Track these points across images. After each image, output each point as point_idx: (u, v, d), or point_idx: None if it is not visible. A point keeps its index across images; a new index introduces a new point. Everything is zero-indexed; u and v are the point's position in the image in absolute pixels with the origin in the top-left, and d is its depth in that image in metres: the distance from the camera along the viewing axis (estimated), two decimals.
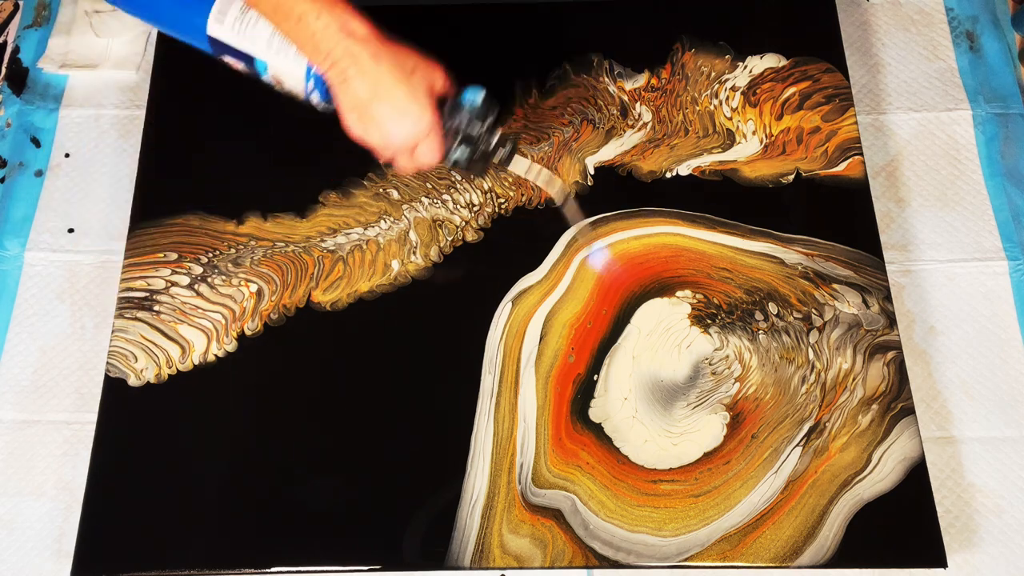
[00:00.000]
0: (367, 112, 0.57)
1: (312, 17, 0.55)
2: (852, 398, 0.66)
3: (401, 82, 0.56)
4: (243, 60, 0.62)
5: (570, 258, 0.71)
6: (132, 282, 0.70)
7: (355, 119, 0.58)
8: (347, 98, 0.58)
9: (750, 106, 0.77)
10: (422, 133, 0.58)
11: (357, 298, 0.70)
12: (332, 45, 0.56)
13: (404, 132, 0.58)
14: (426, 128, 0.58)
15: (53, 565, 0.67)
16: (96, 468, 0.64)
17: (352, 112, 0.58)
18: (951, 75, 0.84)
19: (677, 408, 0.66)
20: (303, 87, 0.62)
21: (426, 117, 0.58)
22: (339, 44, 0.56)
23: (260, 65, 0.62)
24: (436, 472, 0.64)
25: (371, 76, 0.56)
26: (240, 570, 0.62)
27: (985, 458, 0.70)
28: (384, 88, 0.56)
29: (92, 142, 0.82)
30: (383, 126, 0.58)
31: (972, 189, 0.79)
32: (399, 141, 0.58)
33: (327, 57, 0.56)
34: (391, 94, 0.57)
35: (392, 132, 0.58)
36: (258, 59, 0.62)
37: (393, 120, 0.57)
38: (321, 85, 0.60)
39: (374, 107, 0.57)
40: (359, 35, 0.56)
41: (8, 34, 0.88)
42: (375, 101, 0.57)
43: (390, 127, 0.57)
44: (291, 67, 0.61)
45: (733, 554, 0.61)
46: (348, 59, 0.56)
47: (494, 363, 0.67)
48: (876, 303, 0.69)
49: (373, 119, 0.58)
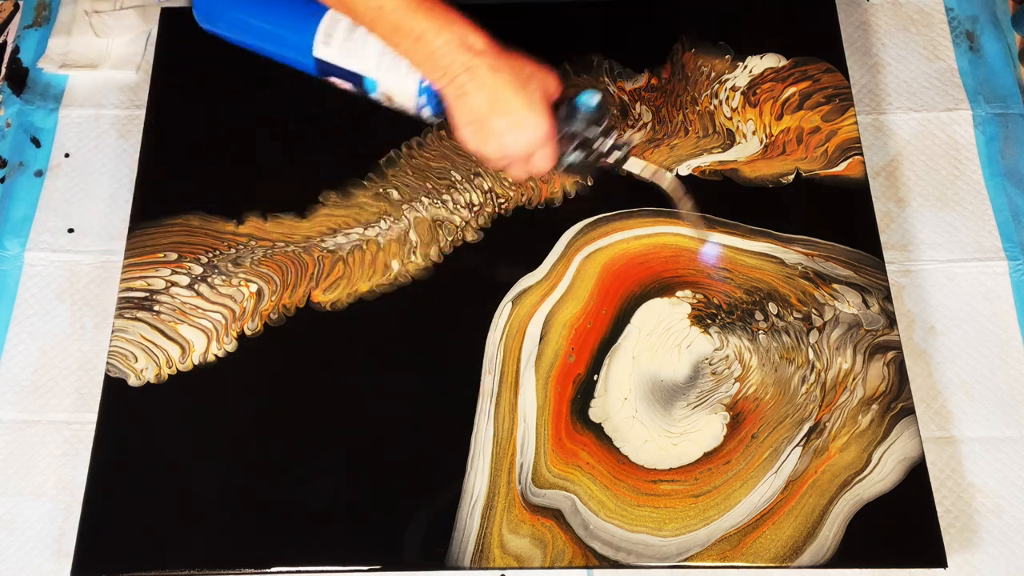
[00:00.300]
0: (485, 124, 0.58)
1: (433, 35, 0.56)
2: (852, 398, 0.66)
3: (519, 92, 0.57)
4: (351, 79, 0.63)
5: (570, 258, 0.71)
6: (132, 282, 0.70)
7: (472, 132, 0.59)
8: (464, 112, 0.58)
9: (750, 106, 0.77)
10: (540, 142, 0.59)
11: (357, 298, 0.70)
12: (451, 60, 0.56)
13: (523, 142, 0.58)
14: (544, 137, 0.58)
15: (53, 565, 0.67)
16: (96, 468, 0.64)
17: (469, 125, 0.58)
18: (951, 75, 0.84)
19: (677, 408, 0.66)
20: (414, 102, 0.62)
21: (544, 126, 0.58)
22: (458, 59, 0.56)
23: (369, 83, 0.62)
24: (436, 472, 0.64)
25: (489, 88, 0.57)
26: (240, 570, 0.62)
27: (985, 458, 0.70)
28: (502, 100, 0.57)
29: (92, 142, 0.82)
30: (502, 137, 0.58)
31: (972, 189, 0.79)
32: (517, 151, 0.59)
33: (445, 73, 0.57)
34: (509, 105, 0.57)
35: (511, 143, 0.58)
36: (368, 77, 0.62)
37: (512, 131, 0.58)
38: (433, 99, 0.61)
39: (493, 119, 0.57)
40: (477, 49, 0.56)
41: (8, 34, 0.88)
42: (494, 113, 0.57)
43: (509, 138, 0.58)
44: (402, 83, 0.61)
45: (733, 554, 0.61)
46: (467, 73, 0.56)
47: (494, 363, 0.67)
48: (876, 303, 0.69)
49: (492, 131, 0.58)
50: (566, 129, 0.60)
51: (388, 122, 0.77)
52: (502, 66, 0.57)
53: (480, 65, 0.56)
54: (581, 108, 0.60)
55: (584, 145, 0.61)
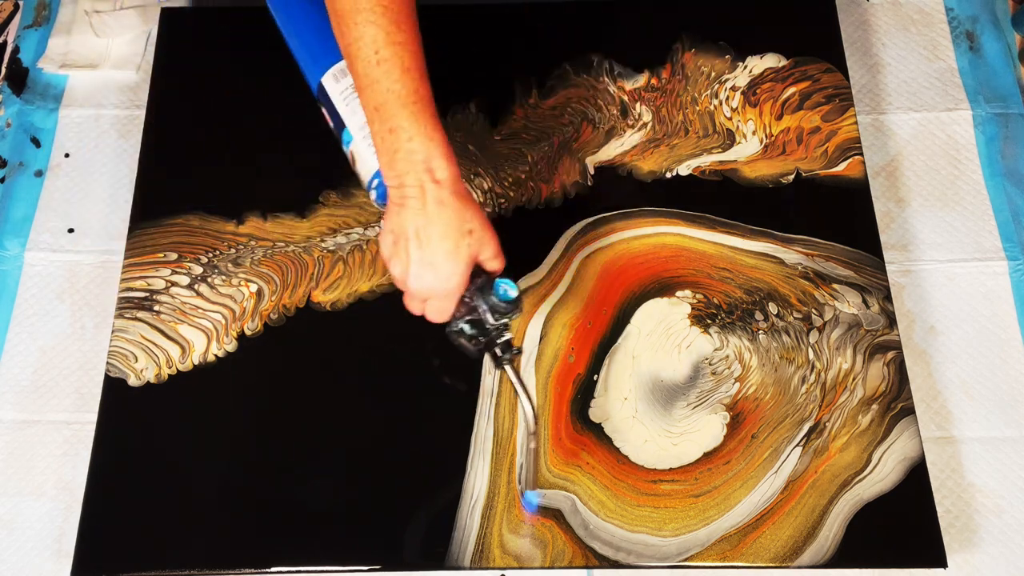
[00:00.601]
0: (404, 245, 0.55)
1: (405, 137, 0.54)
2: (852, 398, 0.66)
3: (447, 238, 0.54)
4: (334, 120, 0.63)
5: (570, 258, 0.71)
6: (132, 282, 0.70)
7: (389, 243, 0.56)
8: (394, 221, 0.56)
9: (750, 106, 0.77)
10: (441, 293, 0.56)
11: (357, 298, 0.70)
12: (408, 170, 0.54)
13: (426, 282, 0.55)
14: (449, 291, 0.56)
15: (53, 565, 0.67)
16: (96, 468, 0.64)
17: (390, 234, 0.56)
18: (951, 75, 0.84)
19: (677, 408, 0.66)
20: (368, 179, 0.61)
21: (453, 281, 0.55)
22: (414, 173, 0.54)
23: (346, 136, 0.62)
24: (436, 472, 0.64)
25: (428, 217, 0.54)
26: (240, 570, 0.62)
27: (985, 458, 0.70)
28: (430, 235, 0.54)
29: (92, 142, 0.82)
30: (409, 267, 0.55)
31: (972, 189, 0.79)
32: (416, 287, 0.56)
33: (398, 176, 0.55)
34: (434, 244, 0.54)
35: (414, 275, 0.55)
36: (347, 130, 0.62)
37: (421, 267, 0.55)
38: (382, 189, 0.60)
39: (412, 245, 0.55)
40: (437, 176, 0.54)
41: (8, 34, 0.88)
42: (415, 242, 0.55)
43: (415, 270, 0.55)
44: (369, 157, 0.61)
45: (733, 554, 0.61)
46: (415, 190, 0.54)
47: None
48: (876, 303, 0.69)
49: (406, 254, 0.55)
50: (472, 299, 0.57)
51: None
52: (449, 206, 0.54)
53: (431, 192, 0.54)
54: (498, 291, 0.57)
55: (479, 325, 0.58)
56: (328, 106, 0.63)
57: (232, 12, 0.83)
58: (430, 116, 0.54)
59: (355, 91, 0.60)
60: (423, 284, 0.55)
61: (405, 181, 0.54)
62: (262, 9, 0.82)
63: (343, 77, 0.62)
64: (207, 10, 0.85)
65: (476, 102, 0.77)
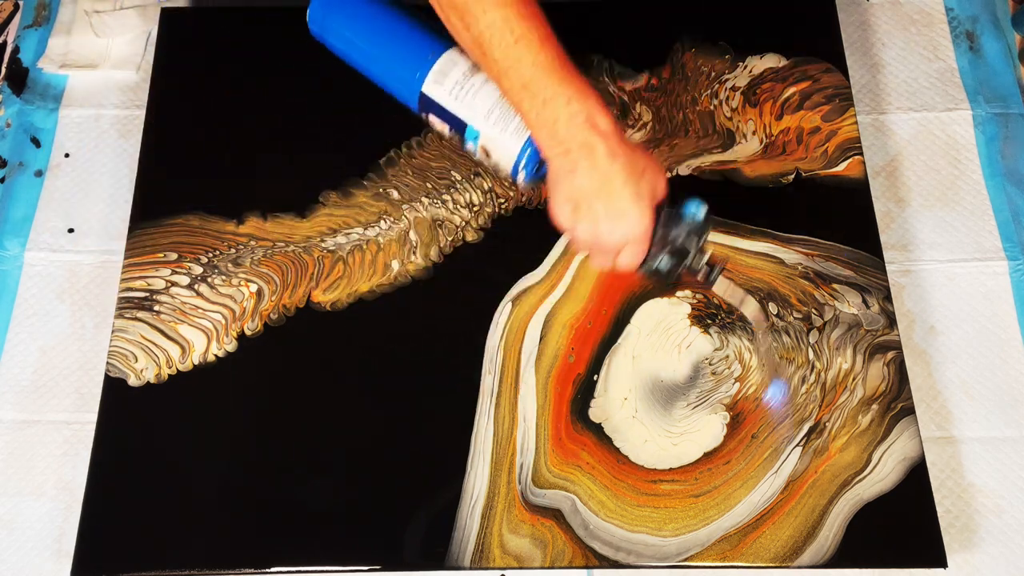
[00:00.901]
0: (587, 206, 0.55)
1: (562, 102, 0.53)
2: (852, 398, 0.66)
3: (628, 183, 0.54)
4: (452, 123, 0.62)
5: (570, 258, 0.71)
6: (132, 282, 0.70)
7: (569, 210, 0.56)
8: (568, 188, 0.55)
9: (750, 106, 0.77)
10: (634, 238, 0.56)
11: (357, 298, 0.70)
12: (572, 134, 0.54)
13: (618, 233, 0.55)
14: (641, 234, 0.56)
15: (53, 565, 0.67)
16: (96, 468, 0.64)
17: (568, 203, 0.56)
18: (951, 75, 0.84)
19: (677, 408, 0.66)
20: (512, 163, 0.61)
21: (644, 223, 0.55)
22: (580, 134, 0.54)
23: (471, 132, 0.61)
24: (436, 472, 0.64)
25: (602, 172, 0.54)
26: (240, 570, 0.62)
27: (985, 458, 0.70)
28: (612, 186, 0.54)
29: (92, 142, 0.82)
30: (598, 223, 0.55)
31: (972, 189, 0.79)
32: (610, 241, 0.56)
33: (562, 144, 0.54)
34: (617, 194, 0.54)
35: (605, 231, 0.55)
36: (471, 126, 0.61)
37: (610, 219, 0.55)
38: (532, 165, 0.60)
39: (596, 203, 0.55)
40: (601, 129, 0.54)
41: (8, 34, 0.88)
42: (599, 197, 0.55)
43: (605, 226, 0.55)
44: (507, 141, 0.60)
45: (733, 554, 0.61)
46: (584, 150, 0.54)
47: (494, 363, 0.67)
48: (876, 303, 0.69)
49: (590, 214, 0.55)
50: (664, 233, 0.57)
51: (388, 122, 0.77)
52: (620, 153, 0.54)
53: (599, 145, 0.54)
54: (686, 216, 0.57)
55: (677, 254, 0.58)
56: (438, 112, 0.62)
57: (232, 12, 0.83)
58: (577, 75, 0.54)
59: (461, 87, 0.60)
60: (616, 235, 0.56)
61: (571, 147, 0.54)
62: (262, 9, 0.82)
63: (444, 79, 0.61)
64: (207, 10, 0.85)
65: None
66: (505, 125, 0.60)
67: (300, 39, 0.81)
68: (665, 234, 0.57)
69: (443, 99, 0.61)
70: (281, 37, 0.81)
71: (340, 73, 0.79)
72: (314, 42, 0.81)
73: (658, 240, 0.57)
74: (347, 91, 0.78)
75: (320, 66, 0.79)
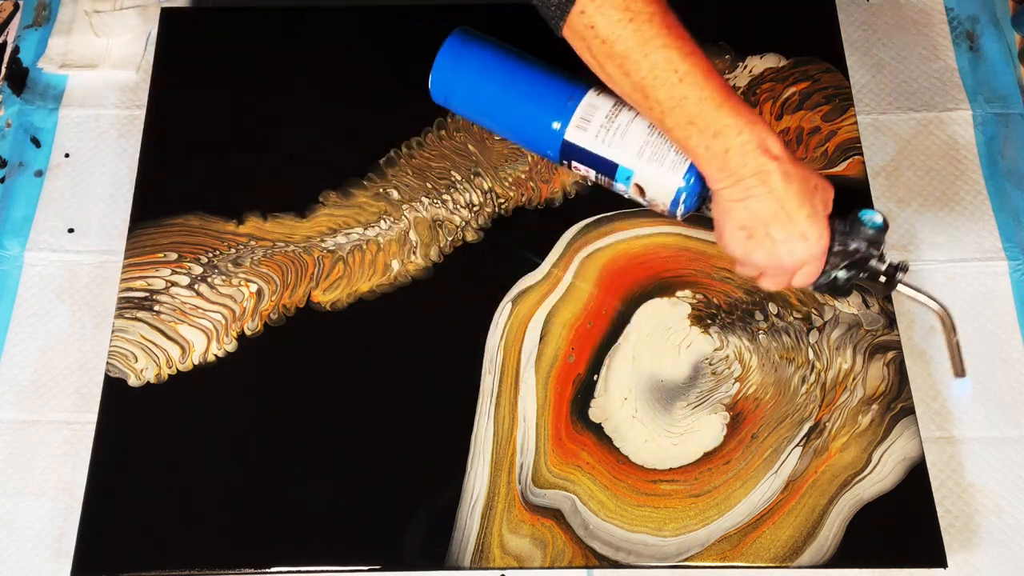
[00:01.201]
0: (762, 231, 0.55)
1: (734, 133, 0.53)
2: (852, 398, 0.66)
3: (805, 204, 0.54)
4: (600, 166, 0.62)
5: (570, 258, 0.71)
6: (132, 282, 0.70)
7: (743, 236, 0.56)
8: (742, 215, 0.55)
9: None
10: (814, 256, 0.56)
11: (357, 298, 0.70)
12: (745, 162, 0.53)
13: (799, 254, 0.56)
14: (820, 251, 0.56)
15: (53, 565, 0.67)
16: (96, 468, 0.64)
17: (742, 230, 0.56)
18: (951, 75, 0.84)
19: (677, 408, 0.66)
20: (671, 198, 0.61)
21: (824, 240, 0.56)
22: (753, 161, 0.53)
23: (622, 173, 0.61)
24: (436, 472, 0.64)
25: (779, 196, 0.54)
26: (240, 570, 0.62)
27: (985, 458, 0.70)
28: (788, 209, 0.54)
29: (92, 142, 0.82)
30: (777, 247, 0.55)
31: (972, 189, 0.79)
32: (790, 263, 0.56)
33: (734, 174, 0.54)
34: (794, 216, 0.54)
35: (785, 253, 0.55)
36: (623, 166, 0.61)
37: (790, 242, 0.55)
38: (693, 197, 0.60)
39: (773, 227, 0.55)
40: (774, 153, 0.53)
41: (8, 34, 0.88)
42: (776, 222, 0.55)
43: (784, 248, 0.55)
44: (664, 176, 0.60)
45: (733, 554, 0.61)
46: (757, 177, 0.54)
47: (494, 363, 0.67)
48: (876, 303, 0.69)
49: (768, 239, 0.55)
50: (844, 245, 0.57)
51: (388, 122, 0.77)
52: (794, 175, 0.54)
53: (774, 171, 0.53)
54: (866, 224, 0.57)
55: (857, 264, 0.58)
56: (584, 158, 0.62)
57: (232, 12, 0.83)
58: (743, 104, 0.54)
59: (607, 130, 0.61)
60: (796, 257, 0.56)
61: (743, 174, 0.54)
62: (262, 9, 0.82)
63: (587, 124, 0.62)
64: (207, 10, 0.85)
65: None
66: (661, 161, 0.60)
67: (300, 39, 0.81)
68: (843, 245, 0.57)
69: (589, 144, 0.61)
70: (281, 37, 0.81)
71: (340, 73, 0.80)
72: (314, 42, 0.81)
73: (836, 253, 0.57)
74: (347, 91, 0.78)
75: (320, 66, 0.80)
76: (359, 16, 0.81)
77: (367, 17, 0.81)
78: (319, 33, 0.81)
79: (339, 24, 0.81)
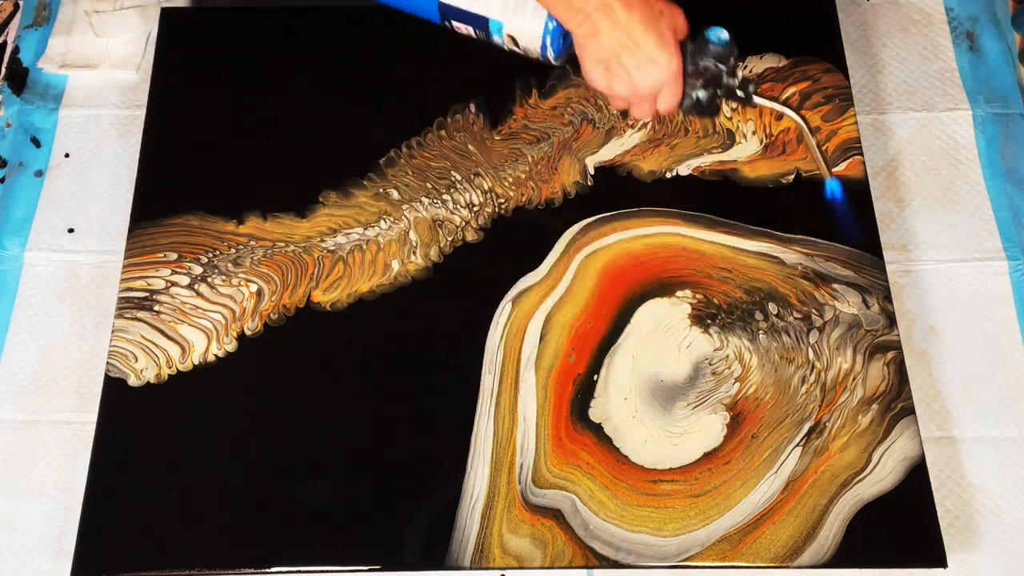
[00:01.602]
0: (616, 62, 0.58)
1: None
2: (852, 398, 0.66)
3: (650, 30, 0.57)
4: (474, 23, 0.64)
5: (570, 258, 0.71)
6: (132, 282, 0.70)
7: (601, 71, 0.59)
8: (596, 50, 0.58)
9: (750, 106, 0.77)
10: (669, 79, 0.59)
11: (357, 298, 0.70)
12: (586, 1, 0.56)
13: (652, 79, 0.59)
14: (673, 73, 0.59)
15: (53, 565, 0.67)
16: (96, 468, 0.64)
17: (599, 65, 0.59)
18: (951, 75, 0.84)
19: (677, 408, 0.66)
20: (539, 43, 0.63)
21: (674, 62, 0.58)
22: None
23: (495, 25, 0.64)
24: (436, 472, 0.64)
25: (624, 26, 0.57)
26: (240, 570, 0.62)
27: (985, 458, 0.70)
28: (635, 37, 0.57)
29: (92, 142, 0.82)
30: (631, 75, 0.58)
31: (972, 189, 0.79)
32: (646, 88, 0.59)
33: (579, 11, 0.57)
34: (642, 43, 0.57)
35: (639, 80, 0.58)
36: (493, 19, 0.63)
37: (641, 68, 0.58)
38: (558, 41, 0.62)
39: (623, 57, 0.58)
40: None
41: (8, 34, 0.88)
42: (625, 51, 0.58)
43: (638, 75, 0.58)
44: (529, 24, 0.62)
45: (733, 554, 0.61)
46: (601, 12, 0.56)
47: (494, 363, 0.67)
48: (876, 303, 0.69)
49: (622, 69, 0.58)
50: (695, 65, 0.60)
51: (388, 122, 0.77)
52: (635, 4, 0.57)
53: (613, 3, 0.56)
54: (712, 42, 0.60)
55: (712, 82, 0.61)
56: (460, 16, 0.64)
57: (232, 12, 0.83)
58: None
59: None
60: (651, 81, 0.59)
61: (588, 10, 0.57)
62: (262, 9, 0.82)
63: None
64: (207, 10, 0.85)
65: (476, 102, 0.77)
66: (523, 10, 0.62)
67: (300, 39, 0.81)
68: (697, 65, 0.60)
69: (460, 2, 0.64)
70: (281, 37, 0.81)
71: (341, 73, 0.80)
72: (314, 42, 0.81)
73: (691, 74, 0.60)
74: (347, 91, 0.78)
75: (320, 66, 0.80)
76: (359, 16, 0.81)
77: (367, 17, 0.81)
78: (319, 33, 0.81)
79: (339, 24, 0.81)
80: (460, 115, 0.77)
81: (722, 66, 0.60)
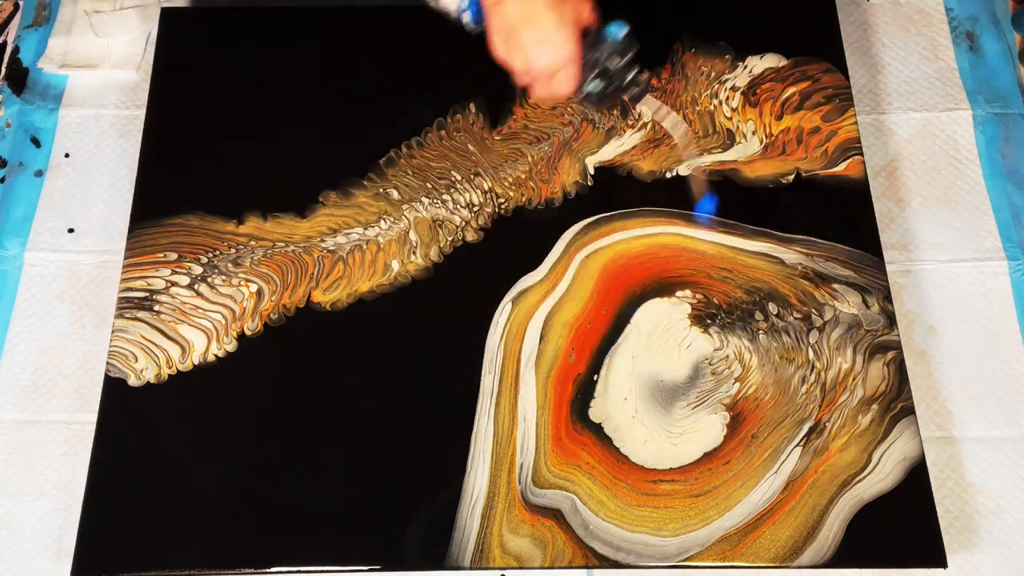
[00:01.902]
0: (514, 36, 0.59)
1: None
2: (852, 398, 0.66)
3: (551, 10, 0.58)
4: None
5: (570, 258, 0.71)
6: (132, 282, 0.70)
7: (501, 41, 0.60)
8: (498, 20, 0.60)
9: (750, 106, 0.77)
10: (563, 61, 0.60)
11: (357, 298, 0.70)
12: None
13: (546, 59, 0.59)
14: (567, 58, 0.60)
15: (53, 565, 0.67)
16: (96, 468, 0.64)
17: (500, 34, 0.60)
18: (951, 75, 0.84)
19: (677, 408, 0.66)
20: (456, 5, 0.63)
21: (568, 47, 0.59)
22: None
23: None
24: (436, 472, 0.64)
25: (524, 2, 0.58)
26: (240, 570, 0.62)
27: (985, 458, 0.70)
28: (534, 14, 0.58)
29: (92, 142, 0.82)
30: (528, 51, 0.59)
31: (972, 189, 0.79)
32: (540, 67, 0.60)
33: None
34: (540, 20, 0.58)
35: (535, 57, 0.60)
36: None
37: (537, 46, 0.59)
38: (474, 6, 0.63)
39: (522, 32, 0.59)
40: None
41: (8, 34, 0.88)
42: (524, 26, 0.59)
43: (533, 52, 0.59)
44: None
45: (733, 554, 0.61)
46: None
47: (494, 363, 0.67)
48: (876, 303, 0.69)
49: (519, 43, 0.59)
50: (590, 56, 0.61)
51: (388, 122, 0.77)
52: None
53: None
54: (608, 37, 0.61)
55: (604, 75, 0.62)
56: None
57: (232, 12, 0.83)
58: None
59: None
60: (544, 61, 0.60)
61: None
62: (262, 9, 0.82)
63: None
64: (207, 10, 0.85)
65: (476, 102, 0.77)
66: None
67: (300, 39, 0.81)
68: (591, 57, 0.61)
69: None
70: (281, 37, 0.81)
71: (340, 73, 0.80)
72: (314, 42, 0.81)
73: (587, 64, 0.61)
74: (347, 91, 0.78)
75: (320, 66, 0.80)
76: (359, 16, 0.81)
77: (367, 17, 0.81)
78: (319, 33, 0.81)
79: (339, 24, 0.81)
80: (460, 115, 0.77)
81: (615, 62, 0.61)
